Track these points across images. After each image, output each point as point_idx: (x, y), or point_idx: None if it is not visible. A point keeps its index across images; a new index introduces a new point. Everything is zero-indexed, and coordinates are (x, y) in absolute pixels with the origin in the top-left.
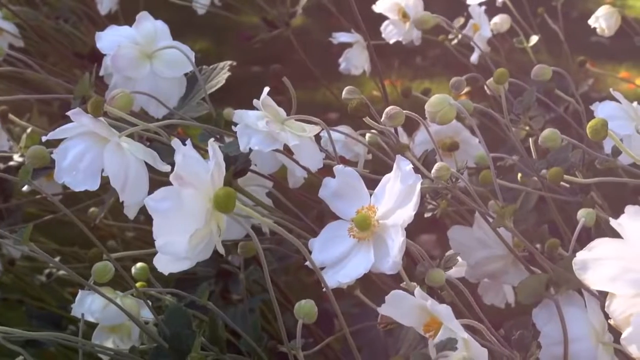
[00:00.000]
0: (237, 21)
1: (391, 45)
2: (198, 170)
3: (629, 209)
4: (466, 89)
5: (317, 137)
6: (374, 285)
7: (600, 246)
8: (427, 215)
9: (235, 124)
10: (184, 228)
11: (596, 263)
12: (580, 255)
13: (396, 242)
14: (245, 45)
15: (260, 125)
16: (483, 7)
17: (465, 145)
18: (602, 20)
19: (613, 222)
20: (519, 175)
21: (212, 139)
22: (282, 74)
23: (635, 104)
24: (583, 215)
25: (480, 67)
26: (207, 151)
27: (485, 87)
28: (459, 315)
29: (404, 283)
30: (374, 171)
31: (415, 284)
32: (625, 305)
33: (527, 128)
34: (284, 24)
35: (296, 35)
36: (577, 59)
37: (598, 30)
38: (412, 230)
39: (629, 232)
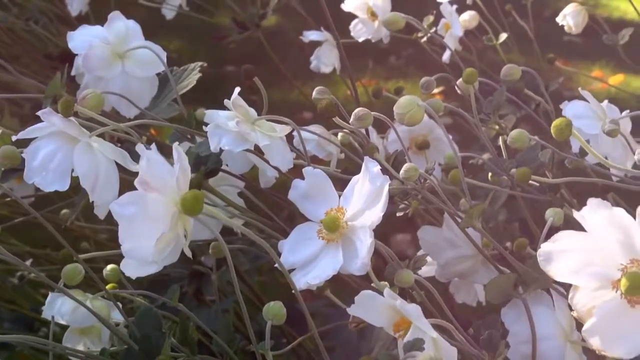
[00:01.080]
0: (210, 22)
1: (365, 45)
2: (163, 175)
3: (591, 201)
4: (440, 88)
5: (290, 137)
6: (348, 285)
7: (564, 238)
8: (399, 214)
9: (207, 124)
10: (150, 232)
11: (560, 255)
12: (545, 247)
13: (364, 244)
14: (219, 46)
15: (231, 125)
16: (454, 6)
17: (438, 142)
18: (569, 18)
19: (576, 214)
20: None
21: (176, 143)
22: (254, 74)
23: (604, 103)
24: (551, 214)
25: (454, 66)
26: None
27: (456, 87)
28: (429, 315)
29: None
30: (347, 170)
31: (386, 283)
32: (588, 298)
33: (497, 127)
34: (254, 25)
35: (271, 36)
36: (547, 57)
37: (566, 28)
38: (387, 230)
39: (591, 225)
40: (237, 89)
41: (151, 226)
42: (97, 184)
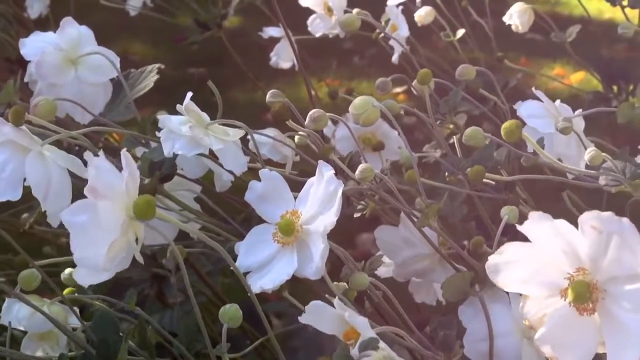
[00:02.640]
0: (173, 23)
1: (329, 45)
2: (112, 182)
3: (533, 215)
4: (403, 87)
5: (246, 140)
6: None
7: (510, 250)
8: (356, 215)
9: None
10: (101, 240)
11: (507, 266)
12: (492, 259)
13: (319, 248)
14: (183, 47)
15: (184, 130)
16: (400, 7)
17: (385, 139)
18: (515, 17)
19: (520, 228)
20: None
21: (124, 149)
22: (207, 78)
23: (557, 102)
24: (506, 212)
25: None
26: None
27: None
28: (386, 315)
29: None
30: (304, 172)
31: (344, 284)
32: (539, 306)
33: (452, 126)
34: (216, 25)
35: (234, 37)
36: (508, 55)
37: (513, 27)
38: (352, 229)
39: (535, 237)
40: (190, 94)
41: (102, 234)
42: (49, 193)
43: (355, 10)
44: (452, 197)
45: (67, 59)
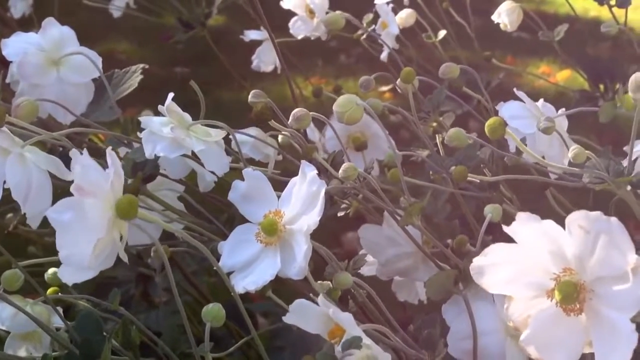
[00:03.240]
0: (158, 22)
1: (314, 44)
2: (97, 180)
3: (520, 215)
4: (390, 86)
5: (229, 139)
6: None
7: (495, 251)
8: (340, 214)
9: None
10: (86, 238)
11: (492, 268)
12: (477, 261)
13: (302, 248)
14: (169, 46)
15: (165, 131)
16: (390, 5)
17: (376, 138)
18: (504, 16)
19: (506, 229)
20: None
21: (110, 147)
22: (190, 78)
23: (540, 102)
24: (489, 210)
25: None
26: None
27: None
28: (370, 314)
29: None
30: (288, 171)
31: (329, 283)
32: (523, 307)
33: (435, 124)
34: (199, 24)
35: (221, 35)
36: (495, 54)
37: (501, 26)
38: (338, 228)
39: (522, 237)
40: (171, 95)
41: (88, 232)
42: (29, 195)
43: (337, 13)
44: (436, 196)
45: (49, 60)
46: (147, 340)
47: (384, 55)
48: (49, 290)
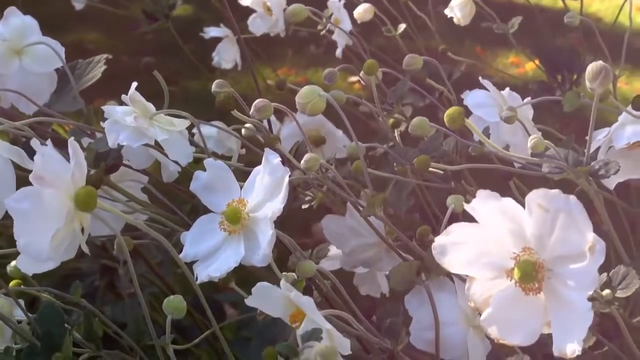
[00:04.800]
0: (127, 12)
1: (285, 35)
2: (58, 170)
3: (481, 193)
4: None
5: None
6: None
7: (457, 230)
8: (305, 206)
9: None
10: (45, 228)
11: (454, 247)
12: (439, 240)
13: (266, 236)
14: (139, 36)
15: (129, 120)
16: (342, 1)
17: (330, 137)
18: (456, 10)
19: (467, 206)
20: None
21: (72, 138)
22: (153, 67)
23: (505, 91)
24: (452, 201)
25: (373, 54)
26: None
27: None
28: (335, 303)
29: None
30: (251, 163)
31: (293, 274)
32: (484, 288)
33: (396, 116)
34: (163, 15)
35: (188, 25)
36: (464, 45)
37: (455, 20)
38: (308, 218)
39: (482, 216)
40: (135, 84)
41: (46, 222)
42: None
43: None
44: (400, 188)
45: (11, 49)
46: (110, 332)
47: (338, 52)
48: (12, 283)
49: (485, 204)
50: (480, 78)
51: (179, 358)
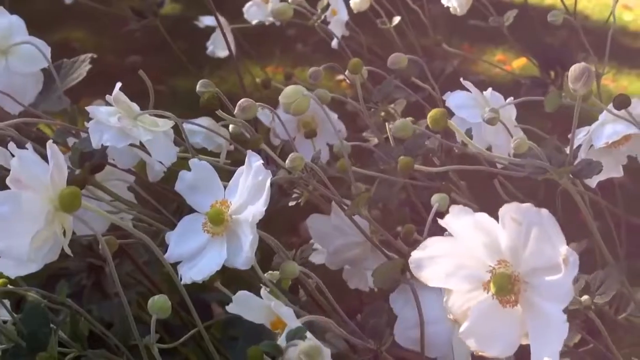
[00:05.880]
0: (113, 10)
1: (272, 33)
2: (36, 173)
3: (454, 208)
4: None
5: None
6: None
7: (433, 245)
8: (291, 204)
9: None
10: (24, 231)
11: (430, 261)
12: (415, 255)
13: (248, 238)
14: (126, 35)
15: (112, 121)
16: None
17: (326, 122)
18: (453, 0)
19: (441, 222)
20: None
21: (50, 140)
22: (139, 66)
23: (487, 91)
24: (437, 200)
25: (356, 53)
26: None
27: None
28: (321, 302)
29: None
30: (238, 161)
31: (277, 272)
32: (462, 300)
33: (383, 114)
34: (152, 13)
35: (177, 23)
36: (452, 41)
37: (451, 9)
38: (296, 217)
39: (457, 231)
40: (119, 84)
41: (25, 224)
42: None
43: (286, 3)
44: (390, 184)
45: None
46: (96, 331)
47: (334, 43)
48: None
49: (459, 220)
50: (461, 79)
51: (167, 357)
